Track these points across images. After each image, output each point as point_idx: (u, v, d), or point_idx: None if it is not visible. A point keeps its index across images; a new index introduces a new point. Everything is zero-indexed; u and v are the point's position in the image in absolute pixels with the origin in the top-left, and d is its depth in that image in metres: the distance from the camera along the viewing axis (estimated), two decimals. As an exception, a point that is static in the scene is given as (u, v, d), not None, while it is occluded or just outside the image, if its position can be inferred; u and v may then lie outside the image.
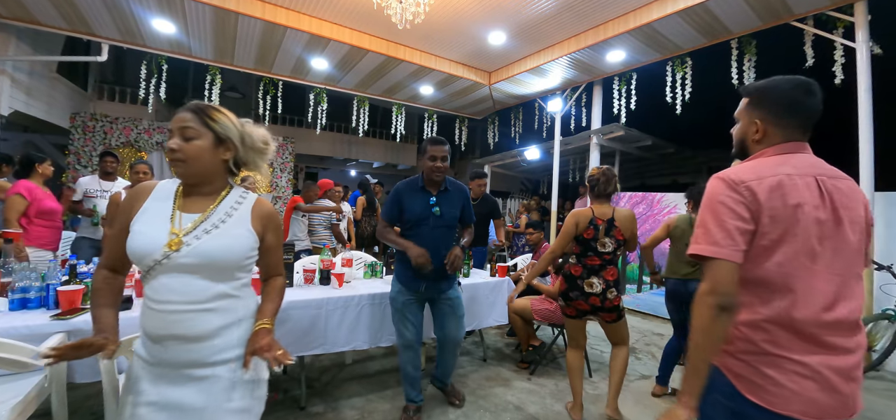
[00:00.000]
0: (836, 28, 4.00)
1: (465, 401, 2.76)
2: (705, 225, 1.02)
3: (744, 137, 1.15)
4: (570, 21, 4.96)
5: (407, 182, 2.41)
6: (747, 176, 1.01)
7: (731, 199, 1.00)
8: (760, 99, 1.11)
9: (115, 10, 4.72)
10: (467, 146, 9.77)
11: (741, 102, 1.17)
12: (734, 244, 0.98)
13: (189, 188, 1.16)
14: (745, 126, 1.14)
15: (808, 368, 0.95)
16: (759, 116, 1.10)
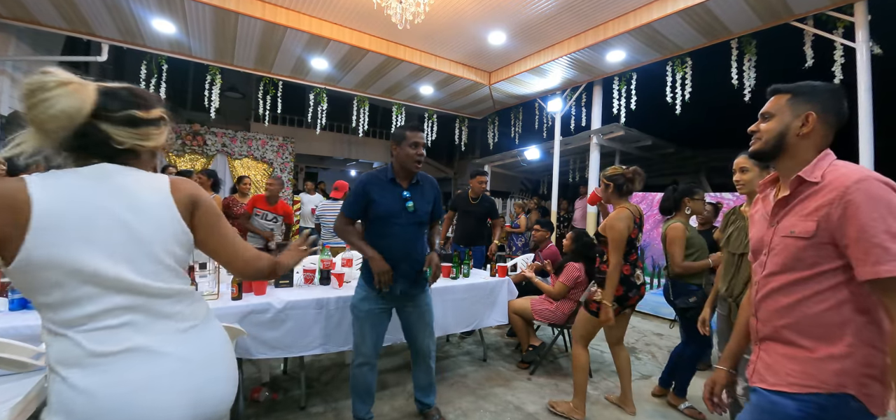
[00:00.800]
0: (836, 28, 4.00)
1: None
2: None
3: (785, 131, 1.09)
4: (570, 21, 4.96)
5: (373, 174, 2.14)
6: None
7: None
8: (812, 93, 1.08)
9: (115, 10, 4.72)
10: (467, 146, 9.77)
11: (776, 99, 1.13)
12: None
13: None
14: (787, 119, 1.09)
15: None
16: (809, 107, 1.06)
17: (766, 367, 1.08)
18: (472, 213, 4.23)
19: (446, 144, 12.80)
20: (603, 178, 2.61)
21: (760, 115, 1.16)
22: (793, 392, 1.01)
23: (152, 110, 0.94)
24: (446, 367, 3.31)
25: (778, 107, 1.12)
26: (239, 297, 2.24)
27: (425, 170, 2.28)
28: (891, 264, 0.88)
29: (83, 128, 0.82)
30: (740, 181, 1.98)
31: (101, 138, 0.85)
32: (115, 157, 0.88)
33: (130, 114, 0.89)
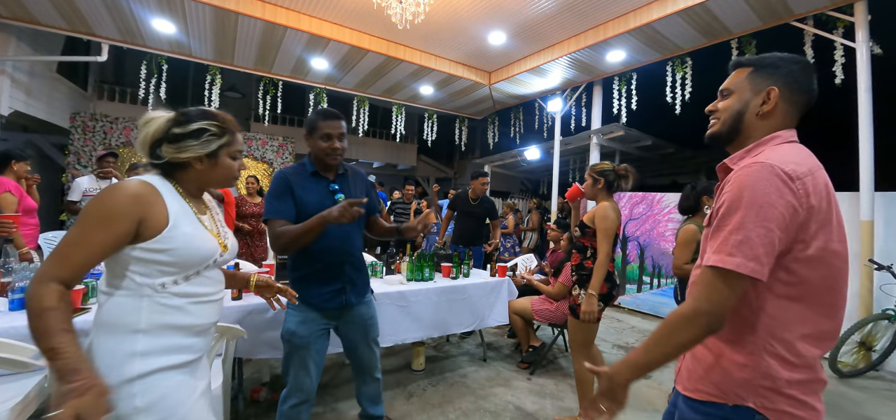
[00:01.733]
0: (836, 28, 4.00)
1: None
2: (745, 230, 0.81)
3: (743, 110, 0.96)
4: (570, 21, 4.96)
5: (291, 168, 1.85)
6: (800, 169, 0.84)
7: (784, 202, 0.81)
8: (773, 67, 0.94)
9: (115, 10, 4.72)
10: (467, 146, 9.78)
11: (737, 73, 1.01)
12: (770, 263, 0.82)
13: (198, 193, 1.18)
14: (746, 97, 0.96)
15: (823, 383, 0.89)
16: (774, 85, 0.93)
17: (686, 370, 1.00)
18: (472, 213, 4.23)
19: (446, 144, 12.80)
20: (591, 172, 2.45)
21: (719, 92, 1.04)
22: (696, 399, 0.94)
23: (190, 125, 1.07)
24: (446, 367, 3.31)
25: (737, 82, 1.00)
26: (239, 297, 2.24)
27: (427, 170, 2.17)
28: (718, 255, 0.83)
29: (152, 148, 1.08)
30: None
31: (156, 157, 1.08)
32: (175, 169, 1.10)
33: (172, 132, 1.07)
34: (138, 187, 1.00)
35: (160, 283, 1.02)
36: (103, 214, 0.95)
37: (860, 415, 2.86)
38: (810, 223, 0.83)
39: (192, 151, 1.07)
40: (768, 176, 0.82)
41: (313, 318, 1.79)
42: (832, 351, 3.43)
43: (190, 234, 1.05)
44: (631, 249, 5.85)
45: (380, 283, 2.94)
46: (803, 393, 0.86)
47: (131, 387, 0.97)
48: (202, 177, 1.13)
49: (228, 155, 1.15)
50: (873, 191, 3.79)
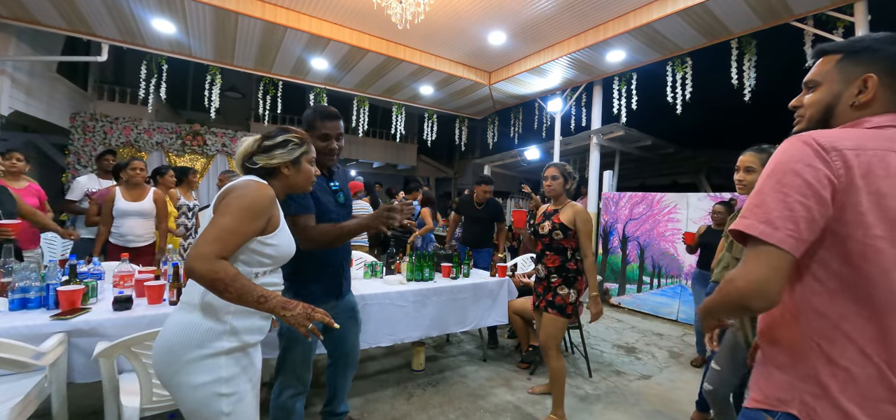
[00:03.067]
0: (836, 28, 4.00)
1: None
2: (761, 195, 0.77)
3: (834, 103, 0.85)
4: (570, 21, 4.96)
5: None
6: (843, 142, 0.75)
7: (811, 170, 0.73)
8: (870, 50, 0.82)
9: (115, 10, 4.72)
10: (467, 146, 9.78)
11: (824, 62, 0.89)
12: (796, 231, 0.73)
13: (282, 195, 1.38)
14: (838, 87, 0.84)
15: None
16: (870, 71, 0.81)
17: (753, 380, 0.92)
18: (479, 218, 4.23)
19: (446, 144, 12.80)
20: (563, 170, 2.53)
21: (804, 85, 0.93)
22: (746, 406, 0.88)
23: (277, 137, 1.32)
24: (446, 367, 3.31)
25: (825, 72, 0.88)
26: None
27: (428, 170, 2.18)
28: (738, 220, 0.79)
29: (244, 161, 1.33)
30: (743, 181, 1.83)
31: (252, 164, 1.32)
32: (268, 175, 1.31)
33: (263, 144, 1.32)
34: (270, 190, 1.23)
35: (255, 273, 1.22)
36: (256, 210, 1.16)
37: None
38: (858, 203, 0.72)
39: (281, 158, 1.30)
40: (799, 145, 0.76)
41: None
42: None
43: (288, 236, 1.33)
44: (631, 249, 5.85)
45: (380, 283, 2.95)
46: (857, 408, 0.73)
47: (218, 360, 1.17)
48: (289, 181, 1.34)
49: (307, 161, 1.39)
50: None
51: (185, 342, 1.14)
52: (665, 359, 3.79)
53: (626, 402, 2.89)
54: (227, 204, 1.16)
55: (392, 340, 2.74)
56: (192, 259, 1.08)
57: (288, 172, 1.33)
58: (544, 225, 2.53)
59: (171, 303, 2.04)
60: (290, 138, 1.33)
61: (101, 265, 2.29)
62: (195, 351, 1.14)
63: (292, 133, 1.35)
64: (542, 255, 2.56)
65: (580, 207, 2.51)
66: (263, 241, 1.21)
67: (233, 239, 1.13)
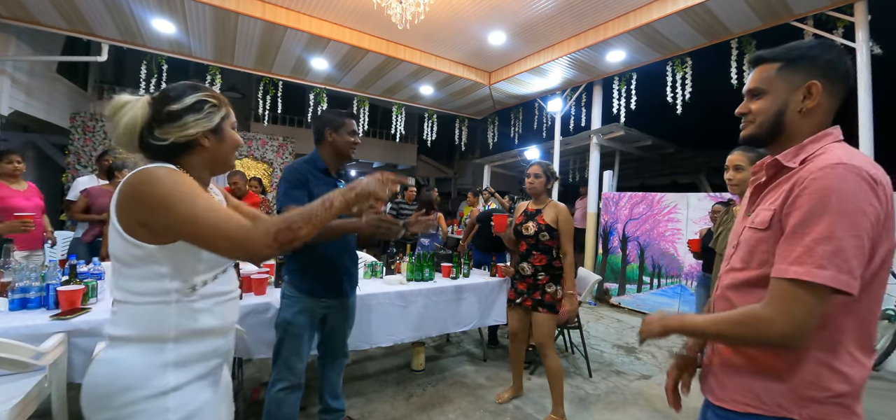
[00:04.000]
0: (836, 28, 4.00)
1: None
2: (837, 240, 0.74)
3: (782, 109, 0.89)
4: (570, 21, 4.96)
5: (304, 163, 1.90)
6: (881, 174, 0.77)
7: (873, 210, 0.74)
8: (808, 58, 0.87)
9: (115, 10, 4.72)
10: (467, 146, 9.78)
11: (763, 69, 0.93)
12: (861, 275, 0.75)
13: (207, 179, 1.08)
14: (782, 95, 0.89)
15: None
16: (811, 76, 0.86)
17: (715, 378, 0.96)
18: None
19: (446, 144, 12.79)
20: (547, 169, 2.56)
21: (747, 93, 0.97)
22: (731, 409, 0.90)
23: (184, 99, 0.96)
24: (446, 367, 3.31)
25: (767, 80, 0.92)
26: (239, 297, 2.24)
27: (428, 170, 2.21)
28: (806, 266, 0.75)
29: (142, 136, 0.95)
30: (733, 179, 1.84)
31: (156, 139, 0.95)
32: (178, 153, 0.97)
33: (167, 110, 0.95)
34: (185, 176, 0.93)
35: (191, 286, 0.95)
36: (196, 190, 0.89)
37: (860, 415, 2.86)
38: (883, 231, 0.78)
39: (200, 126, 0.97)
40: (857, 180, 0.75)
41: (310, 308, 1.88)
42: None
43: None
44: (631, 249, 5.85)
45: (380, 283, 2.94)
46: (854, 401, 0.81)
47: (165, 400, 0.91)
48: (212, 155, 1.02)
49: (231, 126, 1.07)
50: (873, 191, 3.79)
51: (120, 385, 0.88)
52: (665, 359, 3.79)
53: (626, 402, 2.89)
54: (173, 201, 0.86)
55: (392, 340, 2.74)
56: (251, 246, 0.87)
57: (209, 144, 1.00)
58: (528, 225, 2.53)
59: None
60: (205, 98, 0.99)
61: (102, 265, 2.29)
62: (132, 394, 0.88)
63: (204, 91, 1.01)
64: (527, 254, 2.56)
65: (562, 206, 2.54)
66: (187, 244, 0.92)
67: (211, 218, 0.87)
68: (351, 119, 1.95)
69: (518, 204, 2.76)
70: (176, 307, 0.93)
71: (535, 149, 8.02)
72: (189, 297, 0.94)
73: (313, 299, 1.89)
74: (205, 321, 0.97)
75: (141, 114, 0.94)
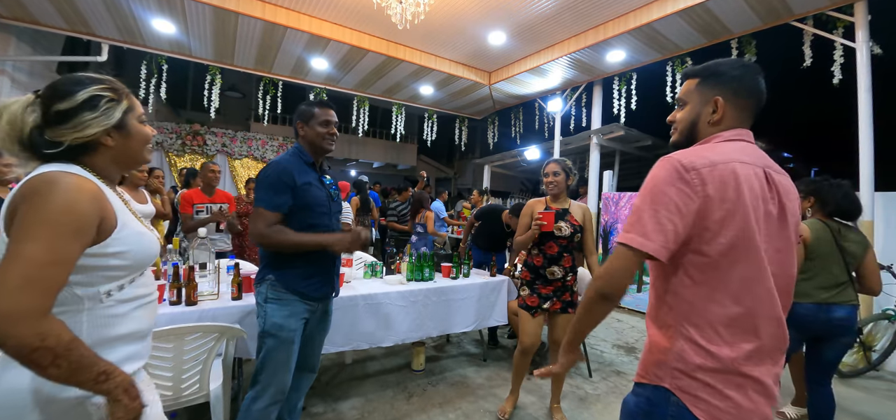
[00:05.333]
0: (836, 28, 4.00)
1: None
2: (639, 213, 0.93)
3: (695, 120, 1.03)
4: (570, 21, 4.96)
5: (290, 159, 1.72)
6: (701, 161, 0.91)
7: (677, 190, 0.90)
8: (719, 75, 1.00)
9: (115, 10, 4.72)
10: (467, 146, 9.78)
11: (687, 84, 1.07)
12: (665, 242, 0.89)
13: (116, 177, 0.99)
14: (696, 107, 1.03)
15: (762, 386, 0.90)
16: (719, 94, 0.99)
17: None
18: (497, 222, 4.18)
19: (446, 144, 12.80)
20: (564, 166, 2.50)
21: (676, 101, 1.10)
22: (635, 381, 1.04)
23: (76, 96, 0.85)
24: (446, 367, 3.31)
25: (689, 93, 1.05)
26: (239, 297, 2.24)
27: (427, 170, 2.17)
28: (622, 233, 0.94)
29: (31, 138, 0.84)
30: None
31: (49, 144, 0.84)
32: (78, 155, 0.87)
33: (54, 110, 0.84)
34: (87, 183, 0.83)
35: (105, 292, 0.86)
36: (76, 220, 0.78)
37: (860, 415, 2.86)
38: (711, 212, 0.88)
39: (98, 125, 0.86)
40: (667, 168, 0.92)
41: (300, 310, 1.71)
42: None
43: (138, 231, 0.92)
44: (631, 249, 5.84)
45: (380, 283, 2.95)
46: (722, 384, 0.88)
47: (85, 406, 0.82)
48: (117, 155, 0.93)
49: (136, 119, 0.95)
50: (873, 191, 3.79)
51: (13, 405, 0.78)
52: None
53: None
54: (27, 220, 0.75)
55: (392, 340, 2.74)
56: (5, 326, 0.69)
57: (113, 142, 0.90)
58: (560, 225, 2.39)
59: (172, 303, 2.04)
60: (100, 93, 0.88)
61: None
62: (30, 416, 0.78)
63: (98, 84, 0.89)
64: (558, 257, 2.42)
65: (585, 205, 2.53)
66: (98, 251, 0.83)
67: (57, 273, 0.75)
68: (322, 108, 1.78)
69: (527, 203, 2.63)
70: (88, 316, 0.84)
71: (536, 149, 8.02)
72: (103, 304, 0.85)
73: (303, 302, 1.72)
74: (121, 327, 0.89)
75: (21, 116, 0.83)
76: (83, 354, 0.76)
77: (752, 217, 0.89)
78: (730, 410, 0.88)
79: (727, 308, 0.89)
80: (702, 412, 0.89)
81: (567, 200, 2.51)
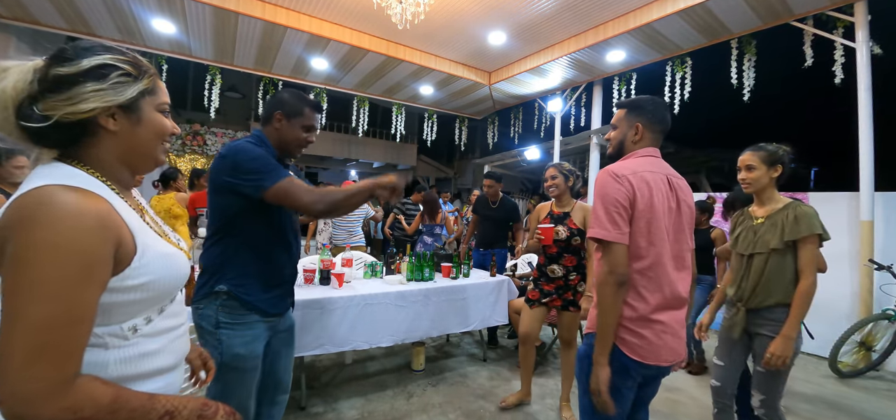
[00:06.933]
0: (836, 28, 4.00)
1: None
2: (598, 213, 1.27)
3: (623, 140, 1.42)
4: (570, 21, 4.96)
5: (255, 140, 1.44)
6: (626, 171, 1.29)
7: (616, 189, 1.26)
8: (640, 108, 1.40)
9: (115, 10, 4.72)
10: (467, 146, 9.78)
11: (618, 113, 1.45)
12: (620, 229, 1.24)
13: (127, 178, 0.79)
14: (625, 130, 1.42)
15: (667, 326, 1.29)
16: (639, 122, 1.39)
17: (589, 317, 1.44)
18: (492, 217, 4.18)
19: (446, 144, 12.80)
20: (563, 169, 2.57)
21: (611, 124, 1.49)
22: (587, 332, 1.40)
23: (83, 60, 0.67)
24: (446, 367, 3.31)
25: (619, 119, 1.44)
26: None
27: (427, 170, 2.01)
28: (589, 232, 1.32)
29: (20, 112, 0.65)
30: (746, 179, 1.87)
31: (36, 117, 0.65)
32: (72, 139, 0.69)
33: (54, 74, 0.66)
34: (90, 201, 0.64)
35: (130, 328, 0.71)
36: (85, 261, 0.60)
37: (860, 415, 2.86)
38: (636, 203, 1.26)
39: (99, 100, 0.67)
40: (606, 177, 1.30)
41: (261, 332, 1.42)
42: (832, 351, 3.43)
43: (163, 253, 0.75)
44: (631, 249, 5.85)
45: (380, 283, 2.95)
46: (639, 327, 1.28)
47: None
48: (124, 147, 0.73)
49: (155, 108, 0.77)
50: (873, 191, 3.79)
51: None
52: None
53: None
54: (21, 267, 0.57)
55: (392, 340, 2.74)
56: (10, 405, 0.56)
57: (115, 127, 0.71)
58: (558, 229, 2.48)
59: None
60: (113, 62, 0.69)
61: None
62: None
63: (114, 53, 0.71)
64: (558, 256, 2.52)
65: (588, 207, 2.53)
66: (118, 285, 0.67)
67: (70, 335, 0.59)
68: (312, 110, 1.52)
69: (538, 206, 2.74)
70: (113, 355, 0.69)
71: (536, 149, 8.02)
72: (129, 341, 0.71)
73: (265, 320, 1.42)
74: (150, 364, 0.75)
75: (16, 82, 0.65)
76: (134, 407, 0.64)
77: (661, 206, 1.28)
78: (644, 345, 1.27)
79: (644, 275, 1.28)
80: (627, 349, 1.28)
81: (570, 202, 2.58)
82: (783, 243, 1.72)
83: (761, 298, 1.77)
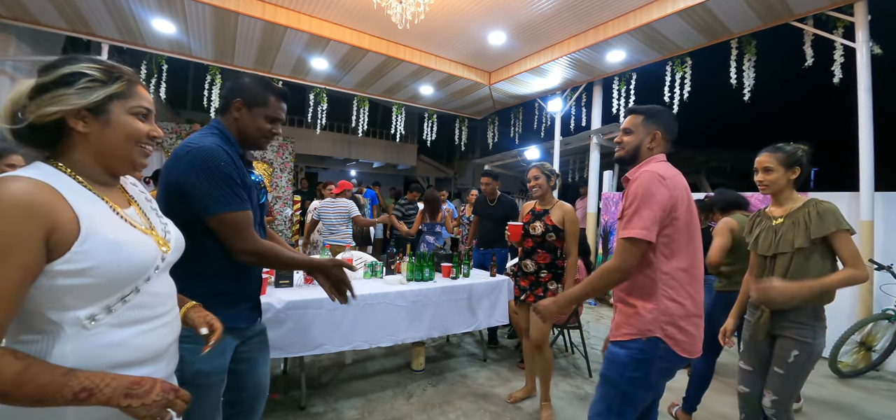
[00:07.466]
0: (836, 28, 4.00)
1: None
2: (642, 213, 1.32)
3: (639, 145, 1.50)
4: (570, 21, 4.96)
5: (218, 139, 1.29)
6: (668, 173, 1.37)
7: (661, 192, 1.33)
8: (656, 116, 1.50)
9: (115, 10, 4.72)
10: (467, 146, 9.78)
11: (632, 119, 1.52)
12: (655, 229, 1.32)
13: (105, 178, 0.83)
14: (641, 135, 1.50)
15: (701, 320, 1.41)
16: (658, 129, 1.48)
17: (615, 325, 1.49)
18: (491, 215, 4.16)
19: (446, 144, 12.81)
20: (546, 169, 2.64)
21: (622, 130, 1.55)
22: (621, 339, 1.43)
23: (61, 68, 0.75)
24: (446, 367, 3.31)
25: (635, 125, 1.51)
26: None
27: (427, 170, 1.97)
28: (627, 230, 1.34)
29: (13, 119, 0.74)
30: (764, 181, 1.82)
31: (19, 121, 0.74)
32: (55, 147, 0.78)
33: (37, 84, 0.75)
34: (23, 188, 0.67)
35: (87, 316, 0.72)
36: (4, 243, 0.64)
37: (860, 415, 2.86)
38: (678, 205, 1.36)
39: (65, 103, 0.73)
40: (653, 178, 1.36)
41: (228, 343, 1.30)
42: (832, 351, 3.43)
43: (114, 241, 0.75)
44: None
45: (380, 283, 2.95)
46: (687, 324, 1.36)
47: None
48: (96, 146, 0.78)
49: (127, 111, 0.80)
50: (873, 191, 3.79)
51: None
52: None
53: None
54: None
55: (392, 340, 2.74)
56: None
57: (86, 129, 0.76)
58: (535, 225, 2.59)
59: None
60: (83, 70, 0.76)
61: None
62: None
63: (90, 62, 0.78)
64: (532, 251, 2.62)
65: (568, 207, 2.59)
66: (57, 270, 0.69)
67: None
68: (280, 100, 1.40)
69: (523, 205, 2.83)
70: (72, 345, 0.71)
71: (536, 149, 8.02)
72: (89, 331, 0.73)
73: (232, 334, 1.30)
74: (118, 355, 0.75)
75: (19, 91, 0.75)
76: (43, 383, 0.64)
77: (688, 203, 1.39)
78: (689, 340, 1.37)
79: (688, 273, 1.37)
80: (677, 346, 1.35)
81: (552, 201, 2.66)
82: (809, 241, 1.66)
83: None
